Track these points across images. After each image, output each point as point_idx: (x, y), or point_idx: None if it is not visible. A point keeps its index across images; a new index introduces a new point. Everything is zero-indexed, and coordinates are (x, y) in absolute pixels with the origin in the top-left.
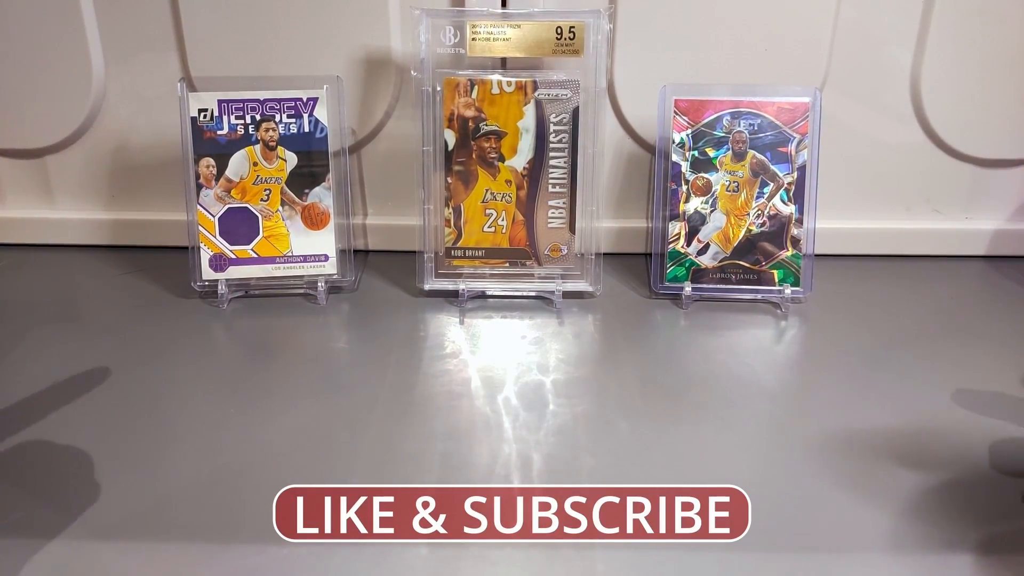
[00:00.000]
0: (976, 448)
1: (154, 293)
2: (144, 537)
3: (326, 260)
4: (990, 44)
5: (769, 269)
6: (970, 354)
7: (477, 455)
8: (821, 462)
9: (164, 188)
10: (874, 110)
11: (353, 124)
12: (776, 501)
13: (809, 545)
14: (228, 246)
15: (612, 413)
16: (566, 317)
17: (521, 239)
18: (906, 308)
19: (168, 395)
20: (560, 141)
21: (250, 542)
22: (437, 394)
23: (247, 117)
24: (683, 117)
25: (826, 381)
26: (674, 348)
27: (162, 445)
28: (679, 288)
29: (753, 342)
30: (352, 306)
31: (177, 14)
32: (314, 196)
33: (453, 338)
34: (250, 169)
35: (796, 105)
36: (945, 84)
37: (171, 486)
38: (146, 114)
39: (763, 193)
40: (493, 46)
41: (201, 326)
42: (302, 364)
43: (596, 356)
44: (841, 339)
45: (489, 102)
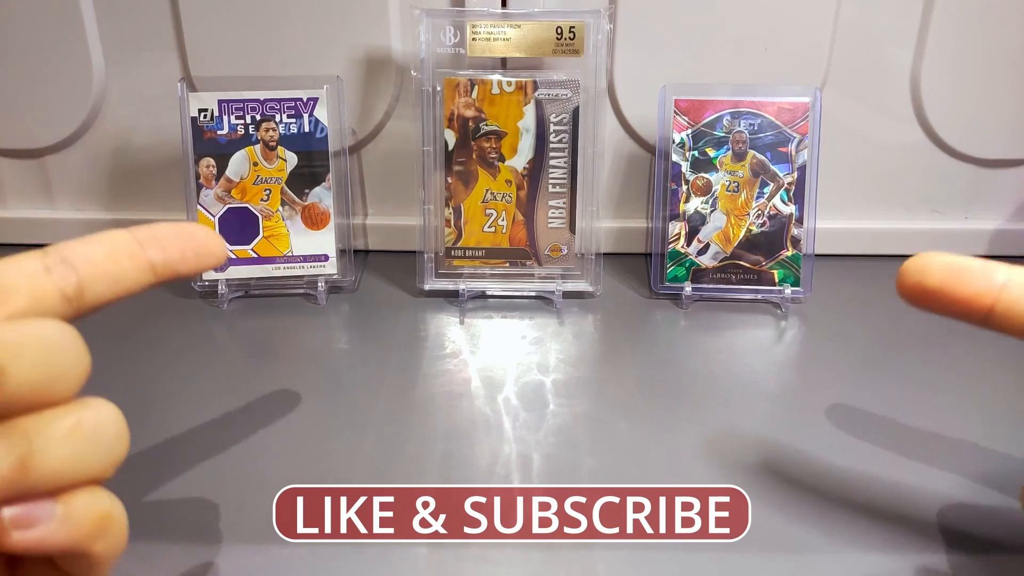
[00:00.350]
0: (976, 448)
1: (154, 293)
2: (144, 537)
3: (326, 260)
4: (990, 44)
5: (768, 269)
6: (970, 354)
7: (477, 455)
8: (821, 462)
9: (164, 188)
10: (874, 110)
11: (353, 124)
12: (776, 501)
13: (809, 545)
14: (228, 246)
15: (612, 413)
16: (566, 317)
17: (521, 239)
18: (906, 308)
19: (168, 395)
20: (560, 141)
21: (250, 542)
22: (437, 394)
23: (247, 117)
24: (683, 117)
25: (826, 381)
26: (674, 348)
27: (161, 445)
28: (679, 288)
29: (753, 342)
30: (352, 306)
31: (177, 14)
32: (314, 196)
33: (453, 338)
34: (250, 169)
35: (796, 105)
36: (945, 84)
37: (171, 486)
38: (146, 114)
39: (763, 193)
40: (493, 46)
41: (201, 326)
42: (302, 364)
43: (596, 356)
44: (841, 339)
45: (489, 102)
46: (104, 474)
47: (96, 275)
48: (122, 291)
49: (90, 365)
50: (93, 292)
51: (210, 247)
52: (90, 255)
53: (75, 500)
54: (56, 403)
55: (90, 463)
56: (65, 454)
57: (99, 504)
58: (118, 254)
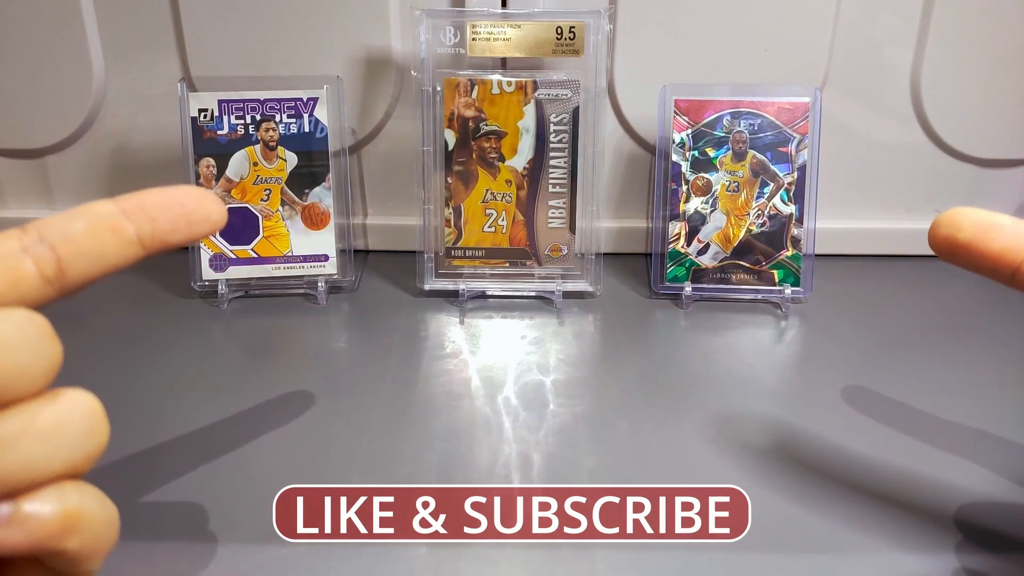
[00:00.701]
0: (976, 447)
1: (154, 293)
2: (143, 537)
3: (326, 260)
4: (990, 44)
5: (769, 269)
6: (970, 354)
7: (477, 455)
8: (821, 462)
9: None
10: (874, 110)
11: (353, 124)
12: (776, 501)
13: (809, 545)
14: (228, 246)
15: (612, 413)
16: (566, 317)
17: (521, 239)
18: (906, 308)
19: (168, 395)
20: (560, 141)
21: (250, 542)
22: (437, 394)
23: (247, 117)
24: (683, 117)
25: (826, 381)
26: (674, 348)
27: (161, 445)
28: (679, 288)
29: (753, 342)
30: (352, 306)
31: (177, 14)
32: (314, 196)
33: (453, 338)
34: (250, 169)
35: (796, 105)
36: (945, 84)
37: (171, 486)
38: (146, 114)
39: (763, 193)
40: (493, 46)
41: (201, 326)
42: (302, 364)
43: (596, 356)
44: (841, 339)
45: (489, 102)
46: (76, 470)
47: (78, 253)
48: (107, 267)
49: (61, 356)
50: (76, 271)
51: (204, 212)
52: (70, 232)
53: (33, 500)
54: (21, 398)
55: (50, 464)
56: (15, 458)
57: (65, 502)
58: (101, 229)
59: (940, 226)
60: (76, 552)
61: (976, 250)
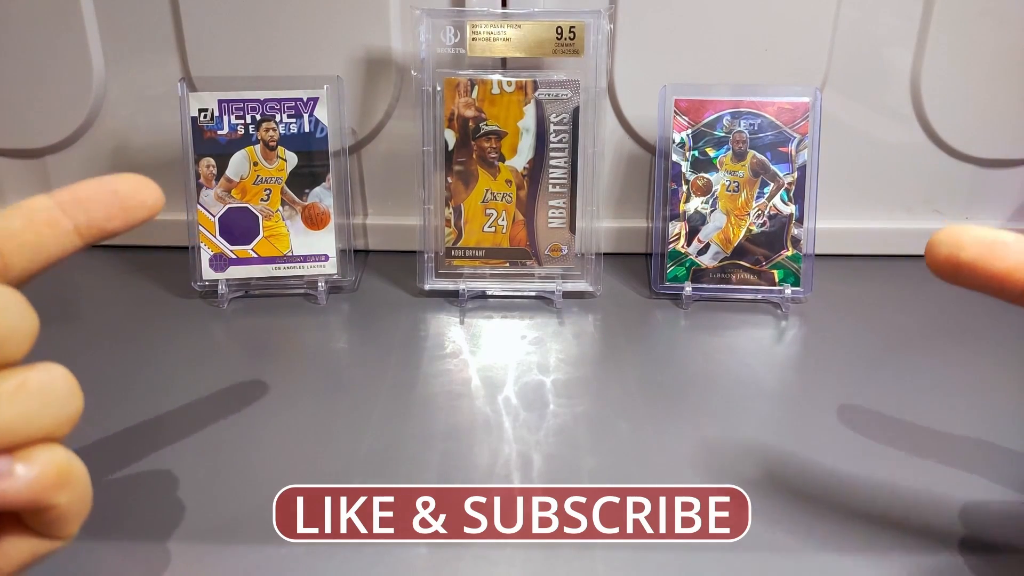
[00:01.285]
0: (977, 448)
1: (154, 293)
2: (143, 537)
3: (326, 260)
4: (990, 44)
5: (769, 269)
6: (970, 354)
7: (477, 455)
8: (821, 462)
9: (164, 188)
10: (874, 110)
11: (353, 124)
12: (776, 501)
13: (809, 545)
14: (228, 246)
15: (612, 413)
16: (566, 317)
17: (521, 239)
18: (906, 308)
19: (168, 395)
20: (560, 141)
21: (250, 542)
22: (437, 394)
23: (247, 117)
24: (683, 117)
25: (826, 381)
26: (674, 348)
27: (161, 445)
28: (679, 288)
29: (753, 342)
30: (352, 306)
31: (177, 14)
32: (314, 196)
33: (453, 338)
34: (250, 169)
35: (796, 105)
36: (945, 84)
37: (170, 486)
38: (146, 114)
39: (763, 193)
40: (493, 46)
41: (201, 326)
42: (302, 364)
43: (596, 356)
44: (841, 339)
45: (489, 102)
46: (58, 431)
47: (17, 248)
48: (47, 260)
49: (37, 326)
50: (18, 265)
51: (139, 199)
52: (9, 228)
53: (32, 454)
54: (8, 362)
55: (41, 420)
56: (14, 412)
57: (57, 457)
58: (37, 223)
59: (940, 245)
60: (65, 508)
61: (982, 270)
